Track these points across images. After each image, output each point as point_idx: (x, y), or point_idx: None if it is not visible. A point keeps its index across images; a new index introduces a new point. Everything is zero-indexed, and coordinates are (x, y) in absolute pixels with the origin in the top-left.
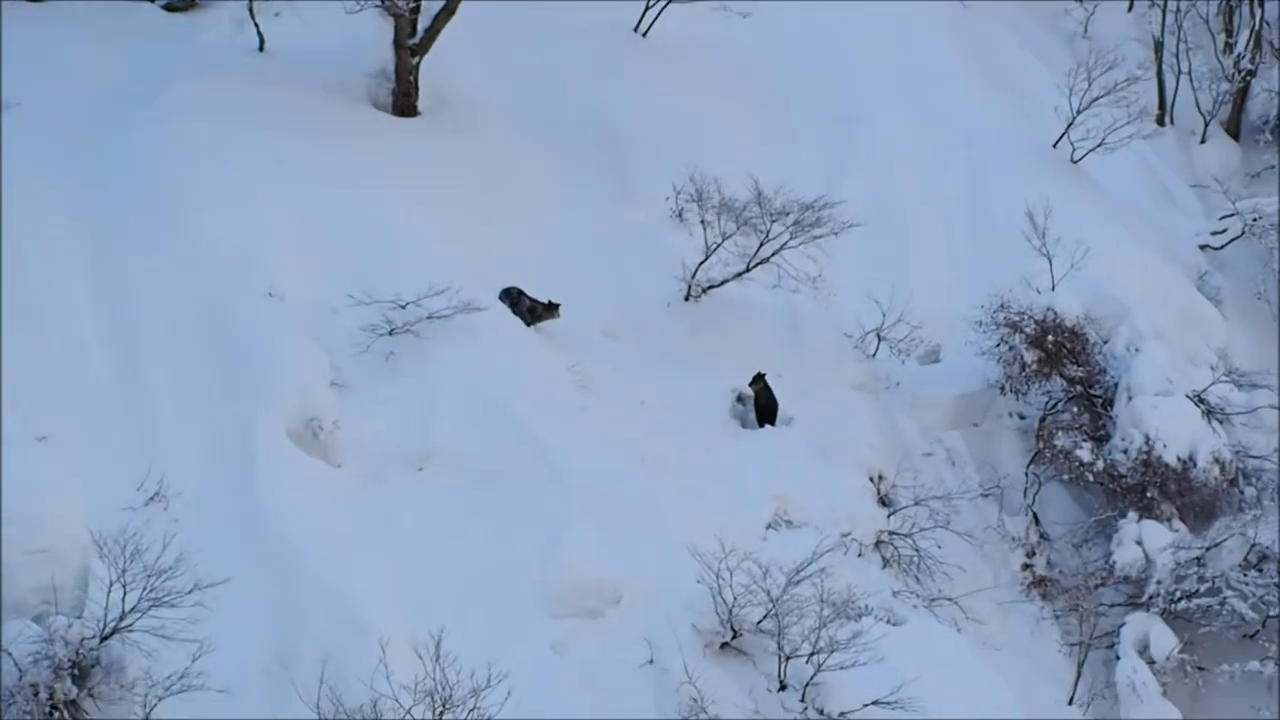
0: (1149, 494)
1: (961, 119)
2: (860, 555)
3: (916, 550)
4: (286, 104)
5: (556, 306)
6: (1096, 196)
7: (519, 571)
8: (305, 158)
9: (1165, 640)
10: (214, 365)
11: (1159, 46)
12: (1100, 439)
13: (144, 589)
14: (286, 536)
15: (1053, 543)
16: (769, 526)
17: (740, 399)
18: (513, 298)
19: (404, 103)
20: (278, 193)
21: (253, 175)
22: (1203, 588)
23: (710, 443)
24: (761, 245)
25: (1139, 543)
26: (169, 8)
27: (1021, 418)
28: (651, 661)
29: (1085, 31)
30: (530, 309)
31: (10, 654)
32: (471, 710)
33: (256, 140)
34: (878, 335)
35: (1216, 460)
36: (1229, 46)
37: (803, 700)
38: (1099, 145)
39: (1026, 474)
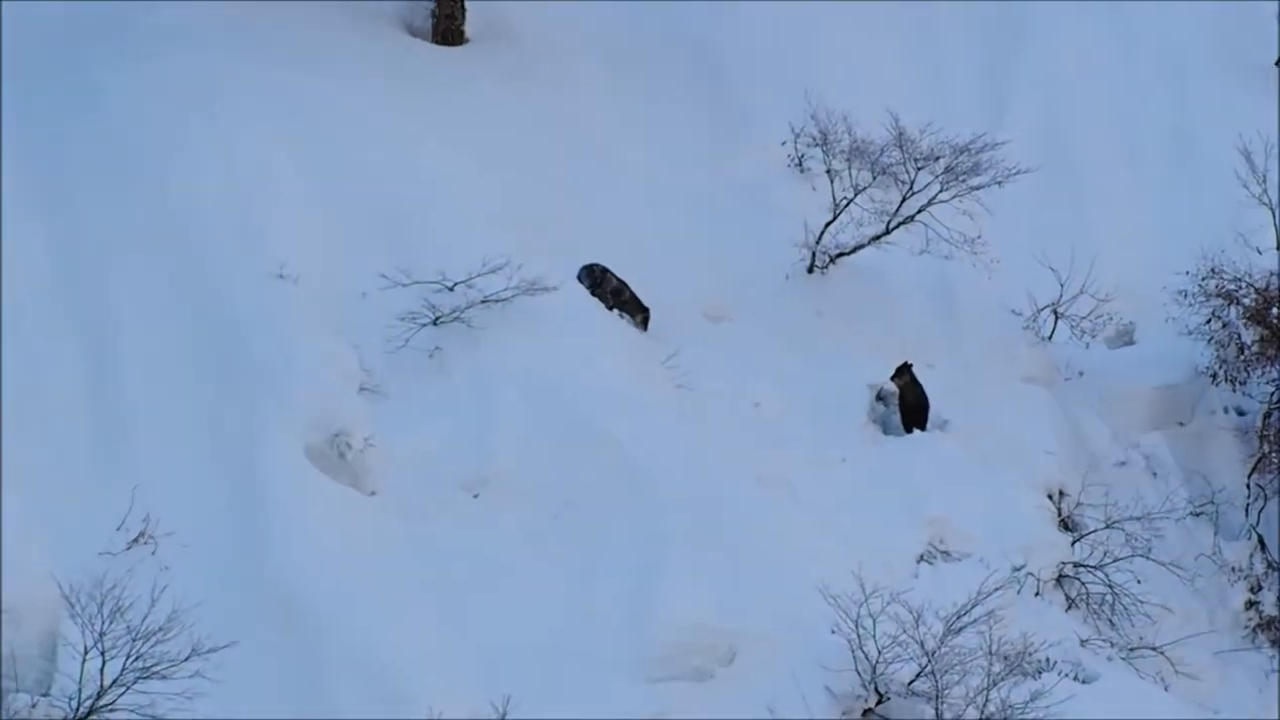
0: None
1: (1160, 27)
2: (1038, 594)
3: (1110, 586)
4: (297, 32)
5: (645, 311)
6: None
7: (604, 624)
8: (322, 100)
9: None
10: (210, 368)
11: None
12: None
13: (128, 656)
14: (306, 586)
15: None
16: (921, 560)
17: (881, 397)
18: (595, 277)
19: (447, 27)
20: (287, 146)
21: (255, 124)
22: None
23: (844, 453)
24: (905, 200)
25: None
26: None
27: (1240, 414)
28: None
29: None
30: (616, 291)
31: None
32: None
33: (259, 79)
34: (1054, 312)
35: None
36: None
37: None
38: None
39: (1249, 486)
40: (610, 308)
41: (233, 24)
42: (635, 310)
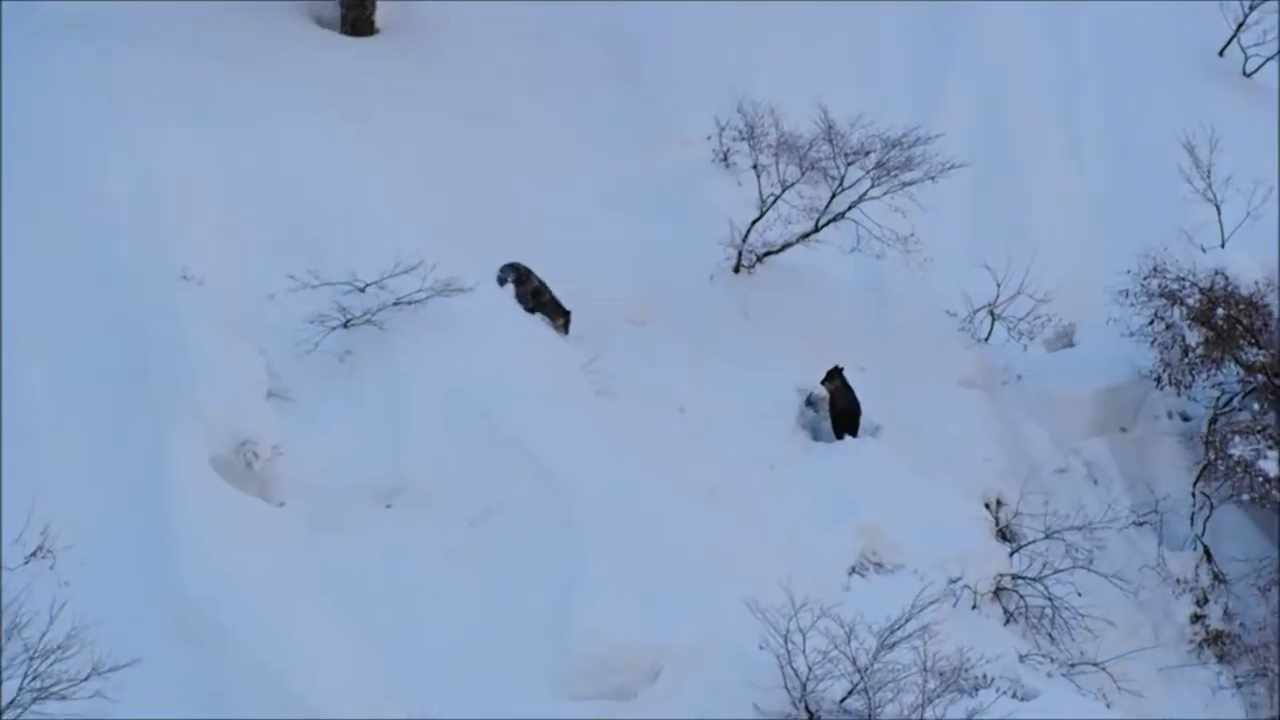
0: None
1: (1099, 17)
2: (975, 607)
3: (1050, 599)
4: (201, 20)
5: (566, 315)
6: (1275, 120)
7: (522, 639)
8: (226, 92)
9: None
10: (113, 373)
11: None
12: None
13: (25, 675)
14: (212, 601)
15: (1231, 586)
16: (853, 571)
17: (811, 402)
18: (517, 275)
19: (356, 17)
20: (190, 140)
21: (159, 118)
22: None
23: (772, 460)
24: (834, 196)
25: None
26: None
27: (1185, 419)
28: None
29: None
30: (536, 292)
31: None
32: None
33: (161, 69)
34: (991, 313)
35: None
36: None
37: None
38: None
39: (1194, 494)
40: (531, 310)
41: (135, 14)
42: (556, 313)
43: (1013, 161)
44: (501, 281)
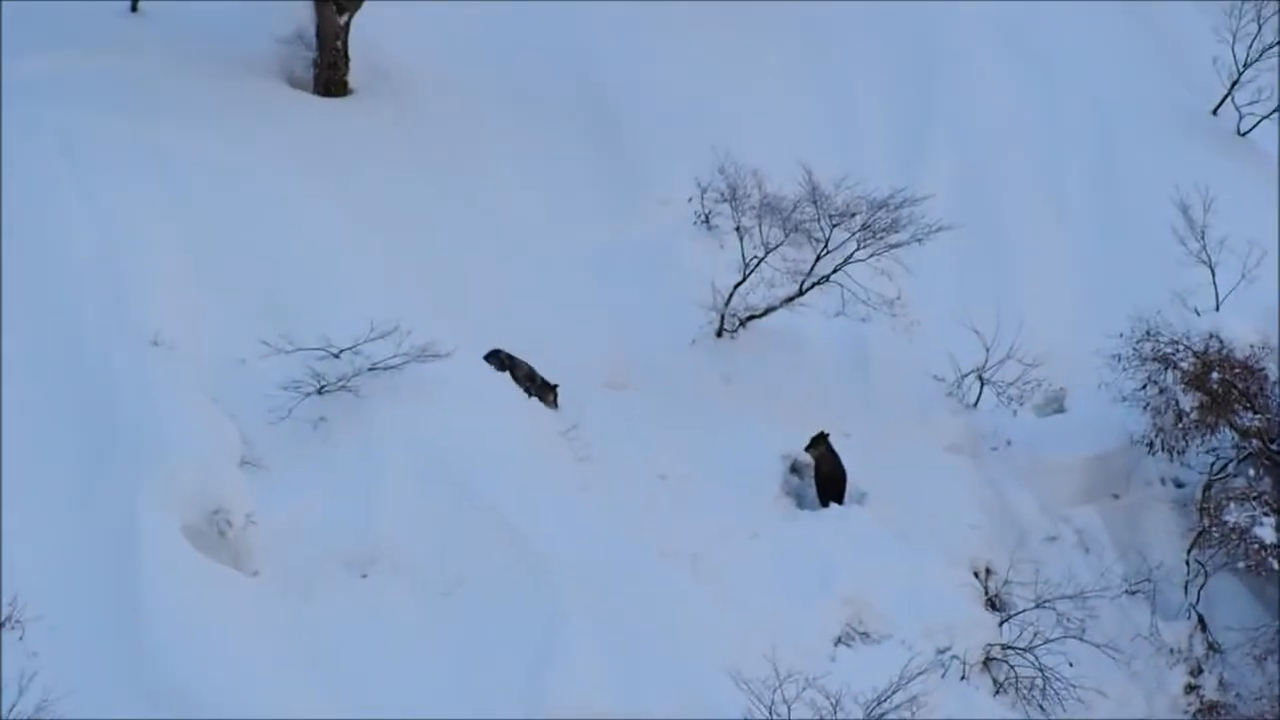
0: None
1: (1087, 76)
2: (964, 678)
3: (1041, 670)
4: (170, 84)
5: (553, 389)
6: (1273, 180)
7: (497, 712)
8: (197, 156)
9: None
10: (82, 439)
11: None
12: None
13: None
14: (184, 673)
15: (1226, 655)
16: (839, 641)
17: (795, 468)
18: (504, 364)
19: (330, 77)
20: (159, 203)
21: (125, 181)
22: None
23: (756, 528)
24: (819, 259)
25: None
26: None
27: (1179, 485)
28: None
29: None
30: (528, 377)
31: None
32: None
33: (130, 134)
34: (979, 377)
35: None
36: None
37: None
38: (1277, 111)
39: (1188, 562)
40: (529, 394)
41: (103, 74)
42: (545, 390)
43: (1001, 223)
44: (500, 368)
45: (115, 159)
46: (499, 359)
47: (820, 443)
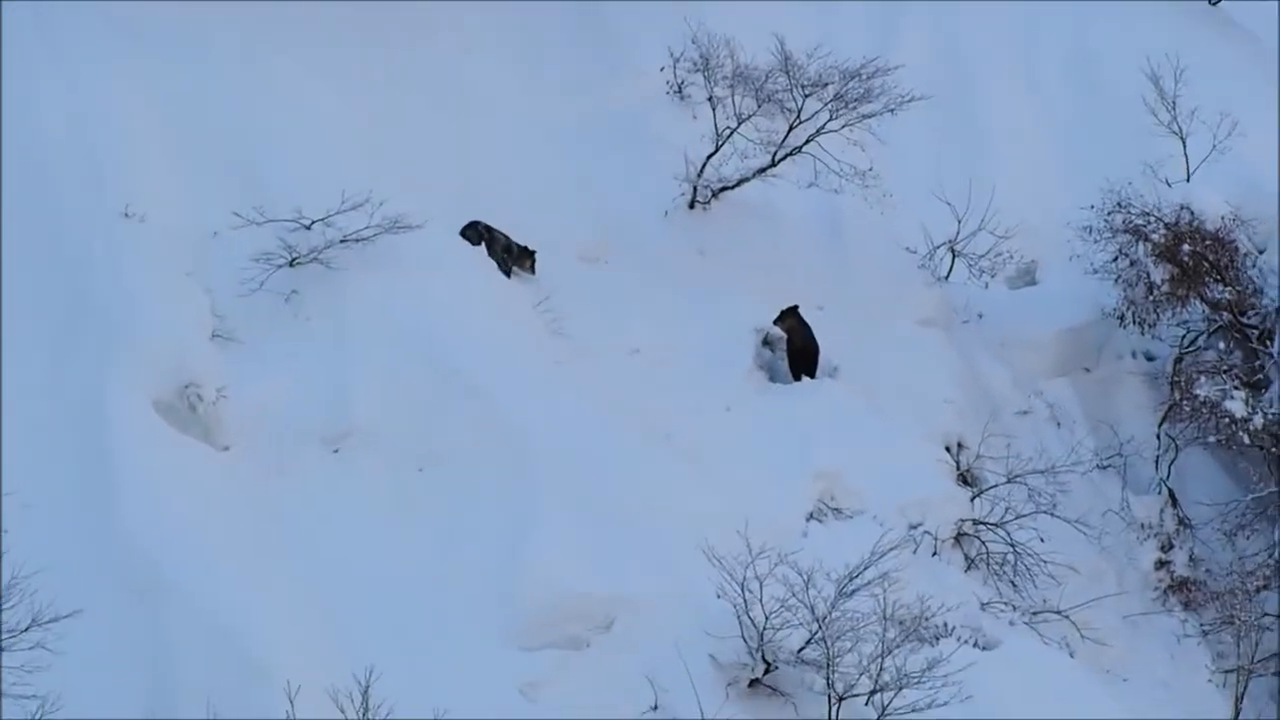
0: None
1: None
2: (936, 554)
3: (1012, 545)
4: None
5: (531, 255)
6: (1247, 51)
7: (473, 588)
8: (167, 28)
9: None
10: (51, 314)
11: None
12: (1257, 385)
13: None
14: (156, 550)
15: (1197, 530)
16: (810, 517)
17: (767, 342)
18: (482, 236)
19: None
20: (132, 74)
21: (94, 53)
22: None
23: (728, 402)
24: (791, 130)
25: None
26: None
27: (1150, 359)
28: (656, 708)
29: None
30: (506, 249)
31: None
32: None
33: (101, 7)
34: (951, 250)
35: None
36: None
37: None
38: None
39: (1159, 436)
40: (507, 271)
41: None
42: (524, 257)
43: (973, 95)
44: (474, 243)
45: (84, 32)
46: (476, 231)
47: (789, 316)
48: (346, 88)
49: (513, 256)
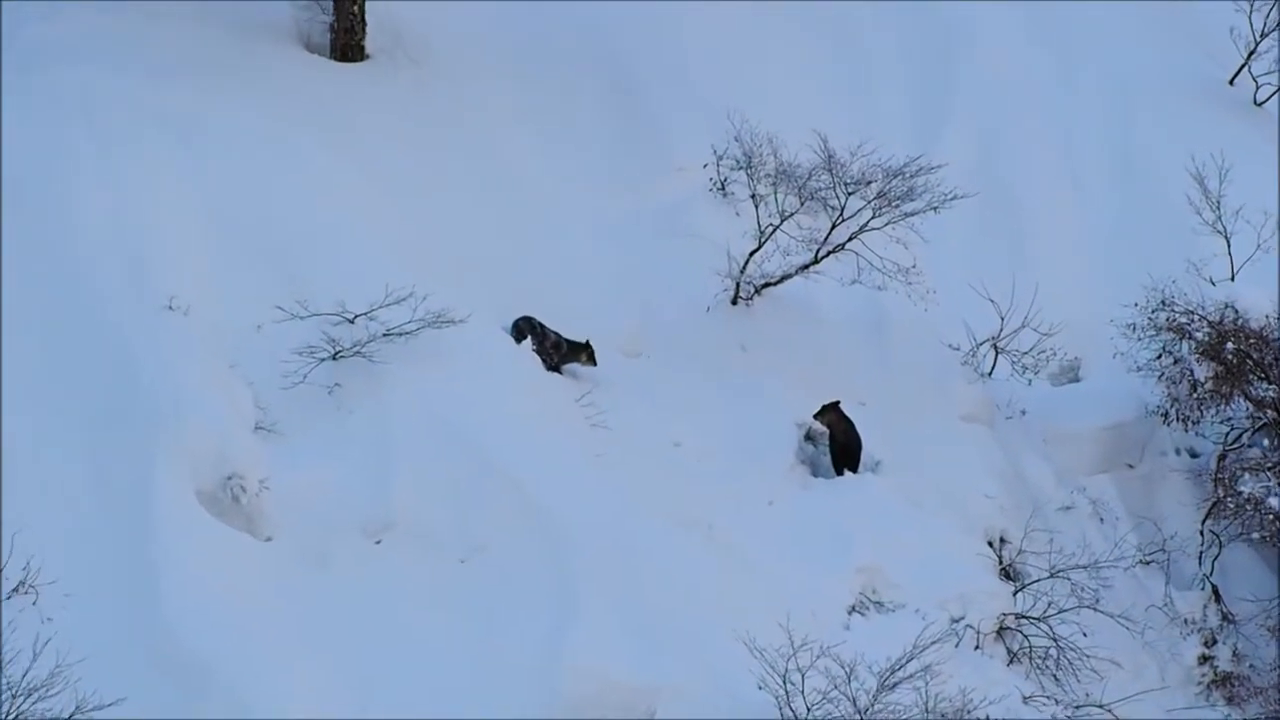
0: None
1: (1104, 45)
2: (978, 648)
3: (1054, 639)
4: (186, 46)
5: (587, 347)
6: None
7: (514, 679)
8: (215, 121)
9: None
10: (95, 406)
11: None
12: None
13: (8, 714)
14: (198, 639)
15: (1240, 626)
16: (853, 610)
17: (810, 437)
18: (530, 330)
19: (346, 42)
20: (175, 167)
21: (144, 145)
22: None
23: (770, 496)
24: (835, 227)
25: None
26: None
27: (1193, 455)
28: None
29: None
30: (556, 346)
31: None
32: None
33: (145, 96)
34: (994, 346)
35: None
36: None
37: None
38: None
39: (1202, 533)
40: (557, 367)
41: (121, 37)
42: (580, 351)
43: (1017, 192)
44: (519, 338)
45: (132, 121)
46: (528, 325)
47: (830, 411)
48: (390, 183)
49: (561, 353)
